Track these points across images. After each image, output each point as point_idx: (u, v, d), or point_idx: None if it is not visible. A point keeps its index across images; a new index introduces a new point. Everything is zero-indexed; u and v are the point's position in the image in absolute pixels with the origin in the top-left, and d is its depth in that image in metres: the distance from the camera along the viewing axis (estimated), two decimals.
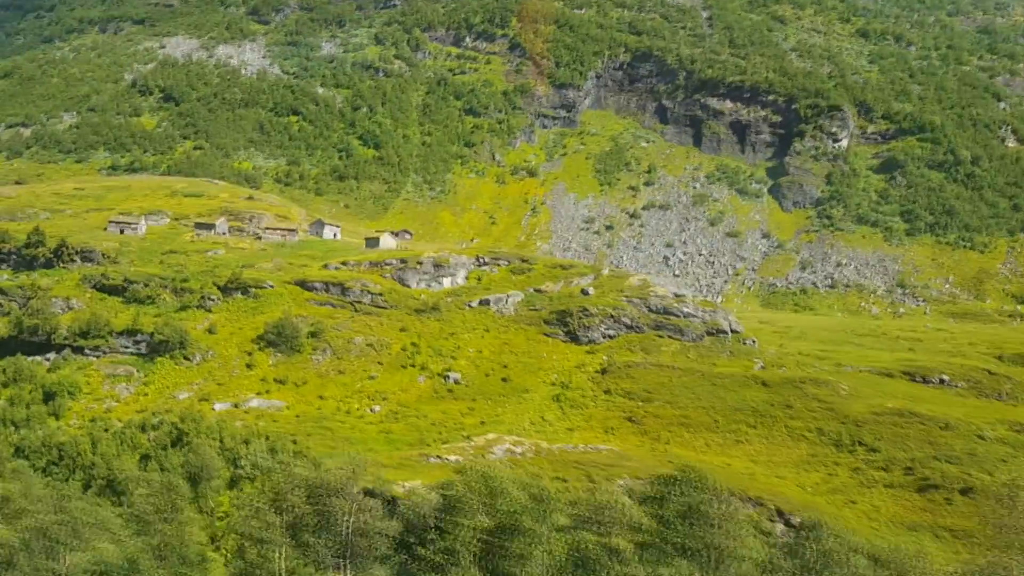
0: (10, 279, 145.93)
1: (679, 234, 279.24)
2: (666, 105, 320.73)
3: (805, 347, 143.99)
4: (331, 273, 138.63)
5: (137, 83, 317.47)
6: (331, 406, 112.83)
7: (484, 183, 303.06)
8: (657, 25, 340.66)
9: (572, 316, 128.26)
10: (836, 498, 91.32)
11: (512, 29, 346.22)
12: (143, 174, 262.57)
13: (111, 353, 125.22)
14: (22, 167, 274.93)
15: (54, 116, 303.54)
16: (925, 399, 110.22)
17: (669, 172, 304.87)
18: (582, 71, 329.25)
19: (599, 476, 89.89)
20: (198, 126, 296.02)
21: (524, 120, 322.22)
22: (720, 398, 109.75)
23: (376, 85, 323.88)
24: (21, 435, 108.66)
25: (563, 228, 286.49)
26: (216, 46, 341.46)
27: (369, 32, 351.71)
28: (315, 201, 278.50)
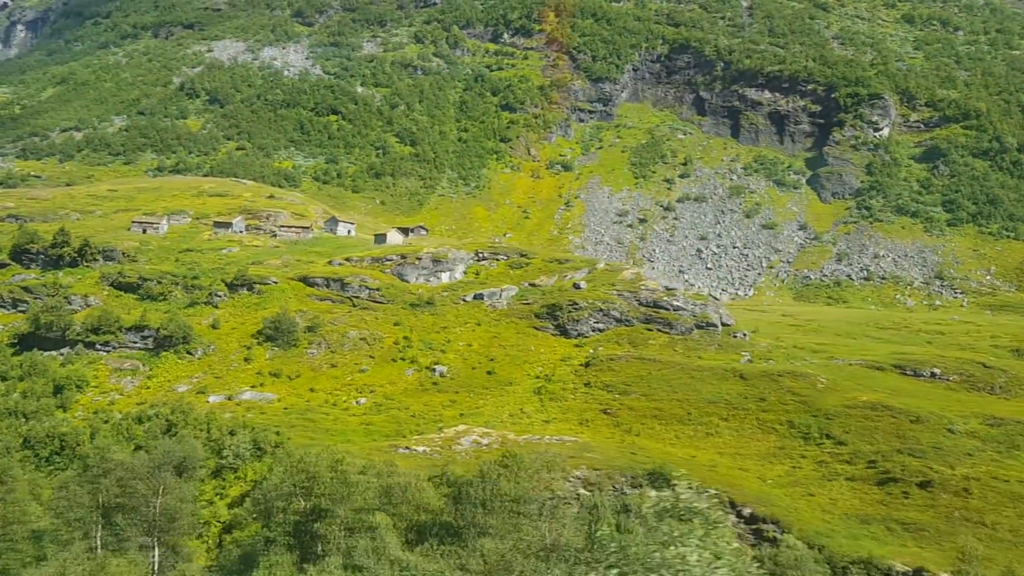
0: (37, 278, 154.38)
1: (714, 227, 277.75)
2: (704, 96, 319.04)
3: (810, 340, 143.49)
4: (333, 269, 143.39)
5: (184, 86, 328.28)
6: (320, 398, 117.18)
7: (519, 178, 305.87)
8: (696, 16, 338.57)
9: (562, 310, 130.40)
10: (795, 490, 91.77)
11: (549, 24, 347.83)
12: (187, 175, 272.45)
13: (120, 348, 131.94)
14: (73, 169, 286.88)
15: (105, 120, 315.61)
16: (907, 392, 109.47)
17: (706, 164, 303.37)
18: (619, 64, 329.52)
19: (561, 465, 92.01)
20: (241, 127, 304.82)
21: (560, 115, 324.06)
22: (696, 391, 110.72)
23: (414, 83, 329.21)
24: (29, 426, 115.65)
25: (596, 222, 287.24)
26: (261, 48, 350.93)
27: (409, 31, 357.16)
28: (352, 198, 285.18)
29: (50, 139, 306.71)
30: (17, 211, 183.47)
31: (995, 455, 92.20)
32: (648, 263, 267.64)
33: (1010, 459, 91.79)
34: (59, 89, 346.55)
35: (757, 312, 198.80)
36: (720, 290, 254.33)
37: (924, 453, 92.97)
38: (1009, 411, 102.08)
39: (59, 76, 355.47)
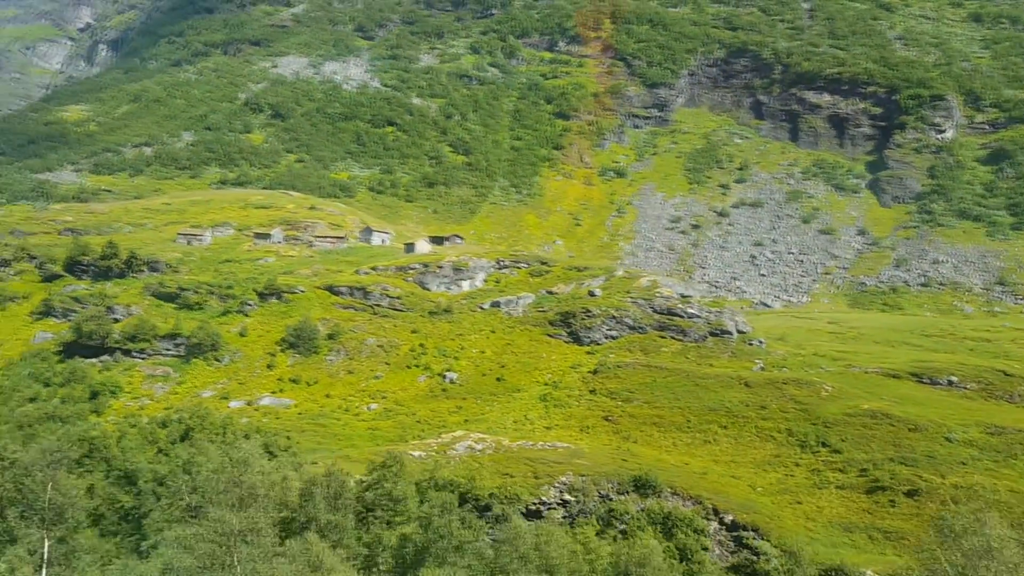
0: (87, 288, 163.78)
1: (769, 232, 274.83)
2: (762, 100, 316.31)
3: (837, 348, 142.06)
4: (357, 278, 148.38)
5: (249, 101, 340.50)
6: (334, 404, 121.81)
7: (571, 185, 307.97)
8: (754, 19, 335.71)
9: (575, 317, 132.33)
10: (783, 498, 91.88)
11: (605, 31, 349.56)
12: (247, 187, 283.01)
13: (155, 355, 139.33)
14: (142, 183, 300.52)
15: (174, 135, 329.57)
16: (915, 400, 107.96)
17: (763, 168, 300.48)
18: (675, 69, 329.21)
19: (544, 472, 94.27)
20: (301, 140, 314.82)
21: (614, 121, 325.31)
22: (698, 399, 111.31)
23: (469, 93, 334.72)
24: (64, 430, 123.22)
25: (648, 228, 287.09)
26: (323, 63, 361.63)
27: (466, 42, 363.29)
28: (405, 207, 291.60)
29: (122, 154, 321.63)
30: (75, 224, 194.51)
31: (991, 464, 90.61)
32: (700, 269, 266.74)
33: (1006, 468, 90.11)
34: (133, 106, 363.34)
35: (804, 319, 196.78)
36: (773, 297, 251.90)
37: (916, 462, 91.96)
38: (1018, 420, 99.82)
39: (133, 93, 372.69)
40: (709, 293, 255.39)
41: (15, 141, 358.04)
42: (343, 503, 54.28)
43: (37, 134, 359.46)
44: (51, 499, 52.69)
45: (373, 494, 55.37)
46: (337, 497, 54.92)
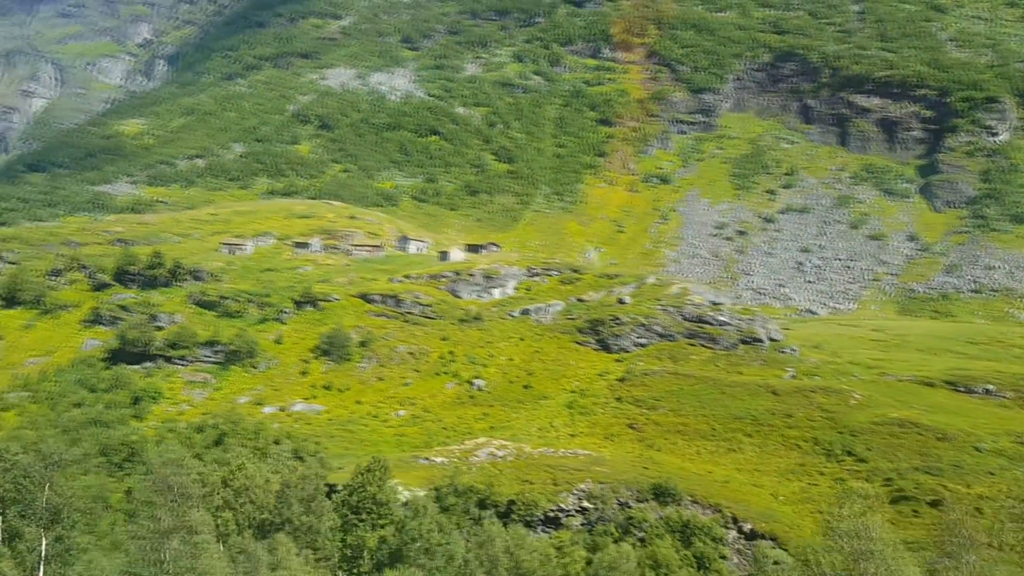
0: (134, 297, 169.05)
1: (817, 238, 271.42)
2: (810, 104, 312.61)
3: (875, 356, 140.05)
4: (390, 286, 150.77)
5: (298, 113, 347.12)
6: (364, 410, 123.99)
7: (614, 192, 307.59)
8: (802, 23, 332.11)
9: (604, 325, 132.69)
10: (805, 507, 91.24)
11: (650, 37, 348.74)
12: (295, 197, 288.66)
13: (195, 362, 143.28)
14: (195, 195, 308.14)
15: (226, 147, 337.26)
16: (947, 409, 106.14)
17: (811, 174, 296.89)
18: (721, 74, 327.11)
19: (563, 479, 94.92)
20: (347, 150, 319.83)
21: (659, 127, 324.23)
22: (724, 407, 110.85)
23: (513, 101, 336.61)
24: (107, 434, 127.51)
25: (692, 235, 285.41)
26: (370, 74, 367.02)
27: (510, 51, 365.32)
28: (449, 216, 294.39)
29: (176, 166, 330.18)
30: (125, 235, 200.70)
31: (1020, 474, 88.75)
32: (745, 276, 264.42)
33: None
34: (187, 119, 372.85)
35: (848, 327, 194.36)
36: (820, 304, 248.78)
37: (942, 471, 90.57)
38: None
39: (187, 107, 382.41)
40: (754, 300, 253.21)
41: (75, 154, 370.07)
42: (317, 506, 55.80)
43: (96, 147, 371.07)
44: (48, 499, 55.20)
45: (357, 497, 56.70)
46: (312, 500, 56.48)
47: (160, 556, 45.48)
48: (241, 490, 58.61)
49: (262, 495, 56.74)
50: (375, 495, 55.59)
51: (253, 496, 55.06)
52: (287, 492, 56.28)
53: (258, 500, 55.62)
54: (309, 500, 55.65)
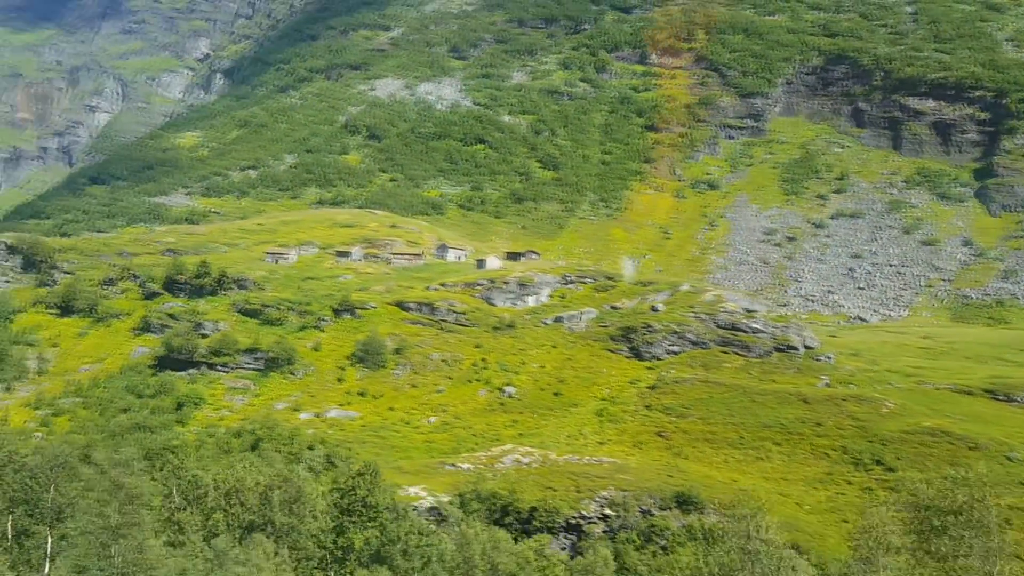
0: (181, 305, 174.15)
1: (869, 244, 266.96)
2: (862, 108, 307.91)
3: (916, 363, 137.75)
4: (426, 294, 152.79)
5: (347, 124, 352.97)
6: (396, 417, 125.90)
7: (661, 198, 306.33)
8: (854, 25, 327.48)
9: (636, 332, 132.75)
10: (829, 517, 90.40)
11: (698, 42, 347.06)
12: (343, 206, 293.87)
13: (237, 369, 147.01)
14: (247, 205, 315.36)
15: (278, 158, 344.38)
16: (982, 418, 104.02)
17: (863, 178, 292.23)
18: (770, 78, 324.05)
19: (586, 487, 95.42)
20: (395, 159, 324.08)
21: (707, 133, 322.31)
22: (754, 415, 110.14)
23: (560, 109, 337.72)
24: (150, 439, 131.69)
25: (740, 241, 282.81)
26: (418, 84, 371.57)
27: (557, 58, 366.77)
28: (494, 223, 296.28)
29: (229, 178, 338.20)
30: (175, 245, 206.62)
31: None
32: (795, 283, 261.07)
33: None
34: (241, 131, 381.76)
35: (897, 334, 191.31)
36: (871, 311, 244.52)
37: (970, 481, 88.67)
38: None
39: (242, 119, 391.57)
40: (803, 307, 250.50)
41: (134, 167, 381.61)
42: (299, 507, 57.50)
43: (154, 160, 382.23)
44: (53, 499, 57.88)
45: (348, 500, 58.35)
46: (293, 502, 58.31)
47: (109, 552, 47.94)
48: (231, 492, 60.84)
49: (250, 497, 58.85)
50: (364, 498, 57.12)
51: (243, 498, 57.17)
52: (270, 494, 58.28)
53: (247, 502, 57.73)
54: (291, 502, 57.53)
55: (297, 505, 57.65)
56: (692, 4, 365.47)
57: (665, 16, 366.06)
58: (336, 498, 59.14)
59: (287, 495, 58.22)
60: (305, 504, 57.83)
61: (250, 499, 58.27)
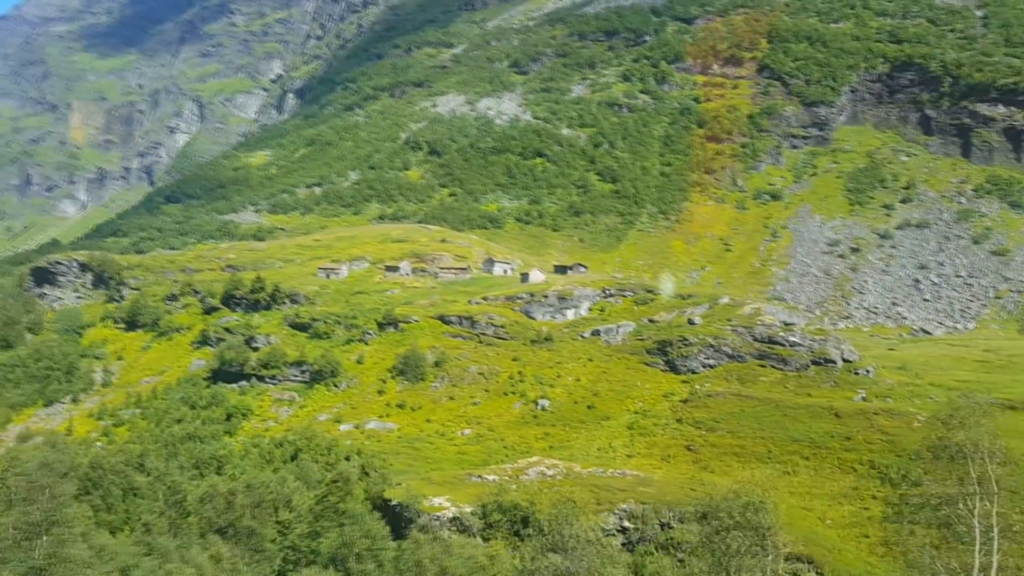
0: (237, 320, 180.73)
1: (936, 254, 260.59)
2: (929, 115, 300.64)
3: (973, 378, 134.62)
4: (467, 308, 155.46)
5: (409, 140, 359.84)
6: (432, 428, 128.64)
7: (722, 210, 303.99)
8: (921, 31, 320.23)
9: (672, 346, 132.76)
10: (852, 531, 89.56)
11: (761, 51, 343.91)
12: (403, 222, 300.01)
13: (284, 381, 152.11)
14: (311, 221, 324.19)
15: (342, 175, 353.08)
16: (1021, 432, 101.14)
17: (930, 187, 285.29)
18: (835, 87, 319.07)
19: (606, 499, 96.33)
20: (454, 175, 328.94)
21: (770, 142, 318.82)
22: (784, 429, 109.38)
23: (619, 121, 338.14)
24: (200, 449, 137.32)
25: (803, 252, 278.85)
26: (479, 99, 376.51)
27: (618, 70, 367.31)
28: (552, 237, 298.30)
29: (296, 195, 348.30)
30: (235, 261, 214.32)
31: None
32: (858, 295, 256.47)
33: None
34: (308, 149, 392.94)
35: (958, 347, 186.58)
36: (936, 323, 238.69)
37: (997, 496, 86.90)
38: None
39: (309, 137, 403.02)
40: (867, 320, 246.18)
41: (207, 186, 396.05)
42: (260, 512, 60.12)
43: (225, 179, 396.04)
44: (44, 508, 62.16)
45: (321, 507, 60.73)
46: (256, 506, 61.00)
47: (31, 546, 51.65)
48: (205, 498, 64.04)
49: (222, 502, 61.92)
50: (336, 504, 59.56)
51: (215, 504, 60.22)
52: (233, 499, 61.22)
53: (218, 507, 60.84)
54: (254, 507, 60.30)
55: (258, 510, 60.54)
56: (754, 13, 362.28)
57: (727, 26, 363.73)
58: (312, 504, 61.84)
59: (250, 500, 61.15)
60: (266, 509, 60.76)
61: (220, 504, 61.45)
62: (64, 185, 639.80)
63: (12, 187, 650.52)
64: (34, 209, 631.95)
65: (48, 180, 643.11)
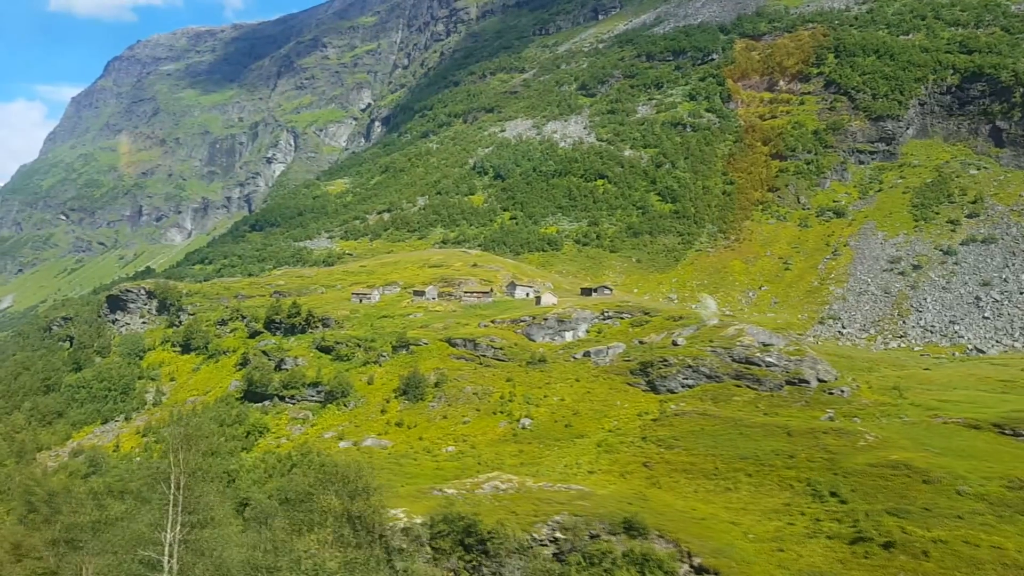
0: (274, 343, 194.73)
1: (1000, 271, 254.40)
2: (1000, 127, 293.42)
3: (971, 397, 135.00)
4: (471, 331, 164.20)
5: (476, 165, 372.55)
6: (422, 446, 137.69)
7: (784, 228, 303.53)
8: (994, 40, 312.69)
9: (653, 366, 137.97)
10: (768, 546, 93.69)
11: (827, 66, 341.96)
12: (463, 245, 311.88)
13: (302, 401, 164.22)
14: (378, 246, 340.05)
15: (411, 201, 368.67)
16: (964, 452, 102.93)
17: (999, 201, 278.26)
18: (902, 100, 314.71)
19: (544, 512, 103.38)
20: (516, 198, 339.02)
21: (835, 159, 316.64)
22: (735, 447, 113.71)
23: (682, 141, 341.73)
24: (218, 464, 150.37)
25: (863, 271, 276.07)
26: (546, 123, 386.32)
27: (684, 90, 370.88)
28: (609, 258, 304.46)
29: (367, 221, 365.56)
30: (283, 288, 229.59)
31: (992, 520, 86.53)
32: (916, 313, 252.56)
33: (1007, 524, 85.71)
34: (382, 177, 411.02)
35: (998, 366, 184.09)
36: (994, 342, 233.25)
37: (910, 513, 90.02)
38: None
39: (384, 165, 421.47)
40: (922, 339, 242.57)
41: (288, 214, 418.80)
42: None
43: (305, 207, 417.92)
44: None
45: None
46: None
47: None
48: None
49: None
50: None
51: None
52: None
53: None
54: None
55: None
56: (822, 28, 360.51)
57: (794, 41, 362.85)
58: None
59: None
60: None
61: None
62: (171, 215, 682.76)
63: (125, 217, 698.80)
64: (144, 238, 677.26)
65: (157, 210, 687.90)
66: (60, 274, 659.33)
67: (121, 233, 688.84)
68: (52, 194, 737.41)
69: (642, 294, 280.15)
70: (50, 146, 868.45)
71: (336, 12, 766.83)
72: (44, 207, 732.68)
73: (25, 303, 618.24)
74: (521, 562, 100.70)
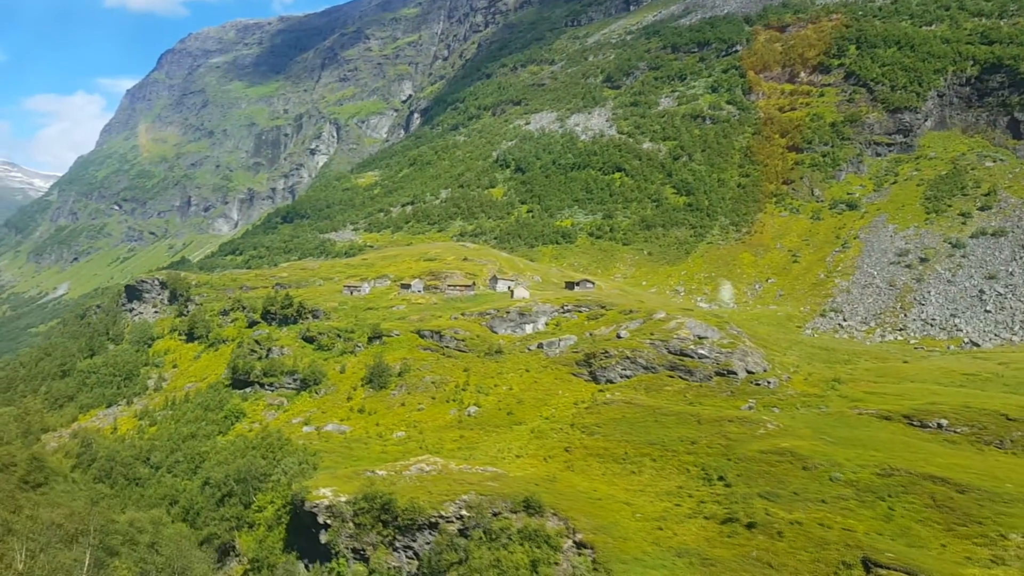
0: (267, 333, 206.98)
1: (1007, 264, 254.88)
2: (1019, 119, 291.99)
3: (907, 390, 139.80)
4: (438, 323, 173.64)
5: (498, 158, 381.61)
6: (377, 431, 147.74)
7: (796, 220, 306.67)
8: (1015, 31, 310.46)
9: (595, 358, 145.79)
10: (651, 524, 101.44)
11: (848, 58, 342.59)
12: (480, 238, 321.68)
13: (280, 388, 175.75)
14: (399, 238, 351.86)
15: (435, 193, 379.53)
16: (857, 442, 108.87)
17: (1013, 193, 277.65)
18: (920, 92, 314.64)
19: (455, 491, 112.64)
20: (534, 191, 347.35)
21: (851, 151, 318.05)
22: (647, 434, 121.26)
23: (700, 133, 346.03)
24: (193, 447, 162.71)
25: (870, 263, 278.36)
26: (569, 116, 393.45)
27: (707, 82, 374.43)
28: (621, 251, 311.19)
29: (391, 214, 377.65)
30: (285, 280, 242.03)
31: (854, 504, 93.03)
32: (918, 306, 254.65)
33: (866, 509, 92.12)
34: (409, 170, 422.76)
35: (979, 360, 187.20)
36: (992, 335, 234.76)
37: (779, 497, 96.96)
38: (950, 466, 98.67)
39: (412, 158, 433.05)
40: (921, 332, 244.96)
41: (317, 206, 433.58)
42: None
43: (334, 199, 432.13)
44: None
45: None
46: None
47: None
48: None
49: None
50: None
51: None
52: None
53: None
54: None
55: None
56: (845, 19, 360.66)
57: (817, 32, 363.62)
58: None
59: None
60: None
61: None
62: (219, 205, 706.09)
63: (175, 208, 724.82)
64: (193, 228, 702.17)
65: (205, 201, 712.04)
66: (113, 263, 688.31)
67: (171, 223, 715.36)
68: (106, 184, 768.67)
69: (650, 287, 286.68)
70: (105, 137, 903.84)
71: (379, 4, 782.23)
72: (99, 197, 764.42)
73: (79, 291, 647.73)
74: (431, 537, 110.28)
